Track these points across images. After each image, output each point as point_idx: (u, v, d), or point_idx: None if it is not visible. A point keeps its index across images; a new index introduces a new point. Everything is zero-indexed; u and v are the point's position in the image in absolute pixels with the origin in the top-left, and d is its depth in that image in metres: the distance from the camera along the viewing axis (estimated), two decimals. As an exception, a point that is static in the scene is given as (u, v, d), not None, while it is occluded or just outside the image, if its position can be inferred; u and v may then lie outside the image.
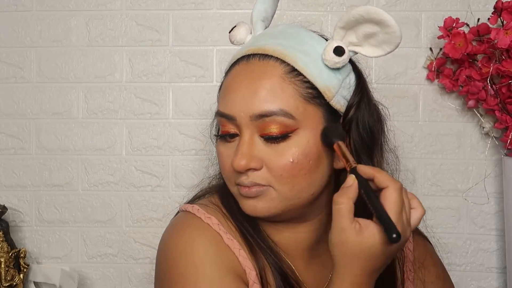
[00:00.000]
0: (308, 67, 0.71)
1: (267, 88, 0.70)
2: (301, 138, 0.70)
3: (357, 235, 0.61)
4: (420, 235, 0.91)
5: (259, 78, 0.71)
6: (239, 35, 0.78)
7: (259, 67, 0.72)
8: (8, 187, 1.22)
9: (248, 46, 0.75)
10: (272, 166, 0.70)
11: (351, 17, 0.71)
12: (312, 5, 1.19)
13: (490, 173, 1.18)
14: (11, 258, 1.12)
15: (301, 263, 0.81)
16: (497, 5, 1.03)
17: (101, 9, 1.20)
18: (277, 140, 0.70)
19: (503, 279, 1.19)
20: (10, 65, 1.21)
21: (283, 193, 0.71)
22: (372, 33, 0.71)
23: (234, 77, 0.74)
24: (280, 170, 0.70)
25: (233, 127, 0.72)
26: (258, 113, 0.70)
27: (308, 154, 0.71)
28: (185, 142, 1.21)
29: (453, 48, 1.06)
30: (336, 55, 0.71)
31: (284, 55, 0.72)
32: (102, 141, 1.21)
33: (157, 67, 1.20)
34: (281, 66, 0.71)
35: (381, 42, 0.71)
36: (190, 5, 1.20)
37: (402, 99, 1.19)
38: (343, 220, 0.62)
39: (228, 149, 0.74)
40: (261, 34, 0.78)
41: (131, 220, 1.22)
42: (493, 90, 1.04)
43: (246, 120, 0.71)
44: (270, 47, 0.72)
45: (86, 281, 1.22)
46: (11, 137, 1.21)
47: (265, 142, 0.71)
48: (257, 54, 0.73)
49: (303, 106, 0.71)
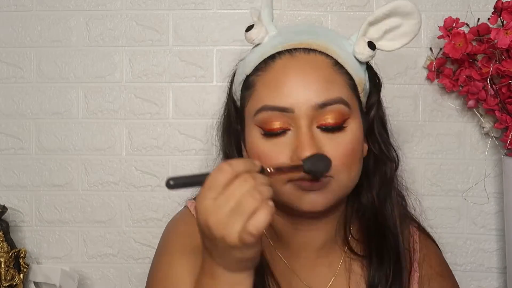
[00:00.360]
0: (347, 60, 0.75)
1: (324, 78, 0.72)
2: (352, 126, 0.73)
3: None
4: (427, 236, 0.91)
5: (312, 70, 0.73)
6: (261, 34, 0.78)
7: (308, 60, 0.74)
8: (8, 187, 1.22)
9: (285, 41, 0.75)
10: (335, 154, 0.71)
11: (383, 11, 0.75)
12: (312, 5, 1.19)
13: (490, 173, 1.18)
14: (11, 258, 1.12)
15: (306, 262, 0.81)
16: (497, 5, 1.03)
17: (101, 9, 1.20)
18: (334, 130, 0.72)
19: (503, 279, 1.19)
20: (10, 65, 1.21)
21: (342, 182, 0.73)
22: (394, 27, 0.76)
23: (283, 70, 0.73)
24: (343, 158, 0.72)
25: (286, 121, 0.72)
26: (321, 102, 0.71)
27: (359, 142, 0.75)
28: (185, 142, 1.21)
29: (453, 48, 1.06)
30: (371, 49, 0.76)
31: (327, 48, 0.74)
32: (102, 141, 1.21)
33: (157, 67, 1.20)
34: (327, 59, 0.74)
35: (401, 34, 0.76)
36: (190, 5, 1.20)
37: (402, 99, 1.19)
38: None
39: (277, 146, 0.72)
40: (286, 31, 0.79)
41: (131, 220, 1.21)
42: (493, 90, 1.04)
43: (305, 111, 0.71)
44: (312, 41, 0.75)
45: (86, 281, 1.21)
46: (11, 137, 1.21)
47: (323, 133, 0.72)
48: (300, 48, 0.74)
49: (351, 95, 0.74)
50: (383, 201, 0.81)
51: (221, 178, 0.55)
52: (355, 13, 1.19)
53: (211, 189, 0.55)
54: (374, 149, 0.80)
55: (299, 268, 0.81)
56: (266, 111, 0.72)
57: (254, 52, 0.78)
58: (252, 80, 0.76)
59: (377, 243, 0.81)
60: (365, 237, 0.83)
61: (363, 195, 0.82)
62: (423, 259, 0.85)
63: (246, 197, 0.54)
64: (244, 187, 0.55)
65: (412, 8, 0.74)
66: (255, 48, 0.79)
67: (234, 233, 0.54)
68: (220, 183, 0.55)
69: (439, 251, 0.91)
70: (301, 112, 0.70)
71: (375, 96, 0.81)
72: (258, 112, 0.73)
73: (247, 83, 0.77)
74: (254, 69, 0.76)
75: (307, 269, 0.81)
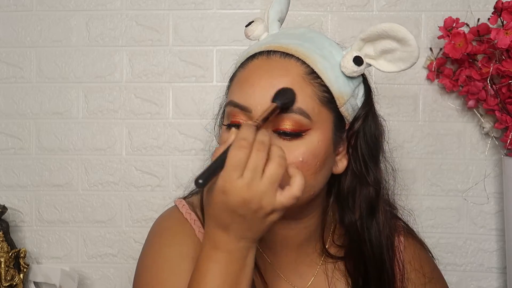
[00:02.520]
0: (327, 71, 0.73)
1: (288, 85, 0.71)
2: (312, 138, 0.72)
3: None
4: (413, 238, 0.90)
5: (280, 75, 0.72)
6: (257, 31, 0.79)
7: (281, 64, 0.73)
8: (8, 187, 1.22)
9: (268, 43, 0.76)
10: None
11: (374, 31, 0.73)
12: (312, 5, 1.19)
13: (490, 173, 1.18)
14: (11, 258, 1.12)
15: (287, 260, 0.82)
16: (497, 5, 1.03)
17: (101, 9, 1.20)
18: (290, 137, 0.71)
19: (503, 279, 1.19)
20: (10, 65, 1.21)
21: None
22: (390, 49, 0.74)
23: (254, 70, 0.74)
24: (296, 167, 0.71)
25: (245, 119, 0.72)
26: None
27: (317, 156, 0.72)
28: (185, 142, 1.21)
29: (453, 48, 1.06)
30: (355, 64, 0.74)
31: (305, 56, 0.73)
32: (102, 141, 1.21)
33: (157, 67, 1.20)
34: (302, 67, 0.73)
35: (397, 59, 0.74)
36: (190, 5, 1.20)
37: (402, 99, 1.19)
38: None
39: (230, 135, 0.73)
40: (280, 33, 0.79)
41: (131, 220, 1.22)
42: (493, 90, 1.04)
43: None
44: (292, 46, 0.74)
45: (86, 281, 1.22)
46: (11, 137, 1.21)
47: (278, 138, 0.71)
48: (278, 51, 0.74)
49: (318, 108, 0.72)
50: (368, 227, 0.81)
51: (242, 155, 0.60)
52: (355, 13, 1.19)
53: (237, 168, 0.59)
54: (355, 168, 0.79)
55: (281, 266, 0.83)
56: (230, 106, 0.74)
57: (247, 49, 0.80)
58: (233, 75, 0.78)
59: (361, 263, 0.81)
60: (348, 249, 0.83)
61: (346, 213, 0.81)
62: (408, 260, 0.85)
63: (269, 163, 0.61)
64: (262, 155, 0.61)
65: (405, 34, 0.72)
66: (252, 45, 0.80)
67: (273, 199, 0.61)
68: (243, 160, 0.60)
69: (426, 253, 0.90)
70: (257, 113, 0.71)
71: (362, 110, 0.78)
72: (226, 105, 0.76)
73: (231, 77, 0.79)
74: (239, 65, 0.78)
75: (289, 268, 0.83)
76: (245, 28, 0.80)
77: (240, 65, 0.78)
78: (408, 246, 0.87)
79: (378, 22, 1.17)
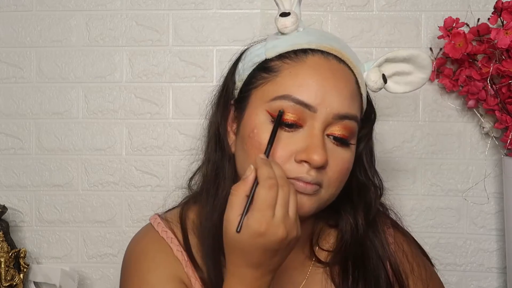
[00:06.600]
0: (363, 84, 0.76)
1: (351, 91, 0.73)
2: (353, 147, 0.74)
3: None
4: (398, 230, 0.89)
5: (343, 80, 0.73)
6: (294, 25, 0.75)
7: (340, 69, 0.74)
8: (8, 187, 1.22)
9: (317, 41, 0.74)
10: (335, 168, 0.71)
11: (403, 54, 0.76)
12: (312, 5, 1.19)
13: (490, 173, 1.18)
14: (11, 258, 1.12)
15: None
16: (497, 5, 1.03)
17: (101, 9, 1.20)
18: (342, 144, 0.72)
19: (503, 279, 1.19)
20: (10, 65, 1.21)
21: (328, 195, 0.74)
22: (405, 72, 0.77)
23: (317, 68, 0.72)
24: (339, 174, 0.72)
25: (302, 118, 0.70)
26: (343, 113, 0.71)
27: (352, 162, 0.75)
28: (185, 142, 1.21)
29: (453, 48, 1.06)
30: (383, 82, 0.77)
31: (354, 66, 0.75)
32: (102, 141, 1.21)
33: (157, 67, 1.20)
34: (352, 76, 0.75)
35: (407, 82, 0.77)
36: (190, 5, 1.20)
37: (402, 99, 1.19)
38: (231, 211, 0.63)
39: (287, 138, 0.71)
40: (317, 32, 0.78)
41: (131, 220, 1.22)
42: (493, 90, 1.04)
43: (326, 115, 0.70)
44: (345, 53, 0.75)
45: (86, 281, 1.22)
46: (11, 137, 1.21)
47: (331, 142, 0.71)
48: (332, 54, 0.74)
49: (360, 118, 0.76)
50: (366, 231, 0.82)
51: (273, 194, 0.62)
52: (355, 13, 1.19)
53: (269, 208, 0.62)
54: (360, 175, 0.81)
55: None
56: (287, 101, 0.70)
57: (282, 40, 0.75)
58: (275, 65, 0.73)
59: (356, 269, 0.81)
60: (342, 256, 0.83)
61: (343, 217, 0.82)
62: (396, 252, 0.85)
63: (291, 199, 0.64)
64: (286, 189, 0.64)
65: (429, 64, 0.75)
66: (283, 36, 0.76)
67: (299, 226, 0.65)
68: (273, 200, 0.62)
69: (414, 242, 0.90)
70: (322, 114, 0.70)
71: (367, 128, 0.81)
72: (276, 98, 0.71)
73: (267, 66, 0.74)
74: (279, 56, 0.74)
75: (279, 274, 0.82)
76: (282, 19, 0.74)
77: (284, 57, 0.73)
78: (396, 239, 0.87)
79: (378, 22, 1.18)
